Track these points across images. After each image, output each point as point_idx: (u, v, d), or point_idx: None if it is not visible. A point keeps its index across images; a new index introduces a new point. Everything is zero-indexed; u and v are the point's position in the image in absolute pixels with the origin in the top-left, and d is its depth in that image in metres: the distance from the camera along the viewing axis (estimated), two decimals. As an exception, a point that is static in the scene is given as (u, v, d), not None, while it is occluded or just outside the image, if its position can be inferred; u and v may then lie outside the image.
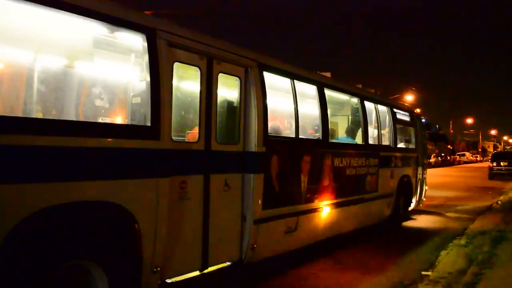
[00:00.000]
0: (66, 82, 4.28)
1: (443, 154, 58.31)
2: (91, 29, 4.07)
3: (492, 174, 29.83)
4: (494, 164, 30.38)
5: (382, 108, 9.75)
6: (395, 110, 10.29)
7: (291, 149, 6.45)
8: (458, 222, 11.62)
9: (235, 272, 5.68)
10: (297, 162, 6.51)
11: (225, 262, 5.40)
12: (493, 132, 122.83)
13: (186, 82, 5.22)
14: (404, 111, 11.08)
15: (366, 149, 8.60)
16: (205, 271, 5.06)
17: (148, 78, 4.26)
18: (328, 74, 9.76)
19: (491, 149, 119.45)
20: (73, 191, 3.59)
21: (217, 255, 5.22)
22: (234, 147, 5.51)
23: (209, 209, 5.06)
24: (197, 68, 4.97)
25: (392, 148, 9.86)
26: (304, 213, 6.61)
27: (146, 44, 4.31)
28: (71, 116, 4.33)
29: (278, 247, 6.24)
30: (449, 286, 5.78)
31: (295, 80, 6.64)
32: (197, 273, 4.99)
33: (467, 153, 76.93)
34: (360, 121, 8.62)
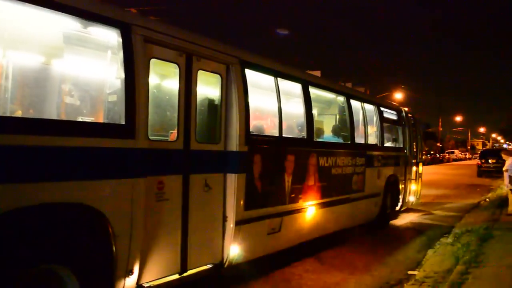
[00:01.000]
0: (36, 79, 4.12)
1: (432, 152, 58.65)
2: (63, 24, 3.90)
3: (481, 172, 30.06)
4: (482, 161, 30.61)
5: (369, 107, 9.66)
6: (382, 108, 10.21)
7: (274, 148, 6.33)
8: (445, 220, 11.65)
9: (216, 274, 5.53)
10: (281, 162, 6.38)
11: (205, 264, 5.25)
12: (482, 129, 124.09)
13: (164, 79, 5.07)
14: (392, 109, 11.01)
15: (352, 148, 8.50)
16: (185, 274, 4.91)
17: (123, 75, 4.11)
18: (318, 73, 9.62)
19: (480, 147, 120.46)
20: (41, 192, 3.43)
21: (197, 258, 5.07)
22: (215, 147, 5.37)
23: (188, 210, 4.91)
24: (176, 65, 4.81)
25: (379, 147, 9.77)
26: (288, 213, 6.49)
27: (121, 39, 4.16)
28: (41, 114, 4.16)
29: (261, 248, 6.11)
30: (435, 285, 5.71)
31: (278, 78, 6.51)
32: (176, 276, 4.84)
33: (456, 151, 77.51)
34: (346, 120, 8.51)
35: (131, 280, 4.20)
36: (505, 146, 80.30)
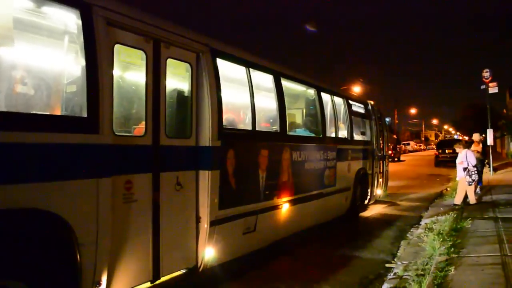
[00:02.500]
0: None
1: (389, 145, 59.95)
2: (15, 3, 3.39)
3: (438, 161, 30.93)
4: (440, 151, 31.53)
5: (338, 100, 9.52)
6: (351, 102, 10.09)
7: (248, 142, 5.99)
8: (412, 210, 11.71)
9: (191, 280, 5.14)
10: (255, 157, 6.05)
11: (179, 269, 4.86)
12: (435, 121, 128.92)
13: (130, 68, 4.62)
14: (360, 103, 10.93)
15: (324, 142, 8.30)
16: (158, 281, 4.51)
17: (84, 62, 3.63)
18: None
19: (432, 138, 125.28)
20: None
21: (170, 263, 4.67)
22: (186, 142, 4.97)
23: (159, 211, 4.50)
24: (142, 52, 4.38)
25: (349, 140, 9.65)
26: (263, 211, 6.17)
27: (80, 22, 3.67)
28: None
29: (236, 249, 5.77)
30: (417, 277, 5.57)
31: (250, 69, 6.16)
32: (148, 284, 4.43)
33: (411, 142, 79.76)
34: (317, 113, 8.30)
35: (99, 292, 3.75)
36: (455, 137, 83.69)
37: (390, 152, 42.40)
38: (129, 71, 4.64)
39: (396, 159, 37.50)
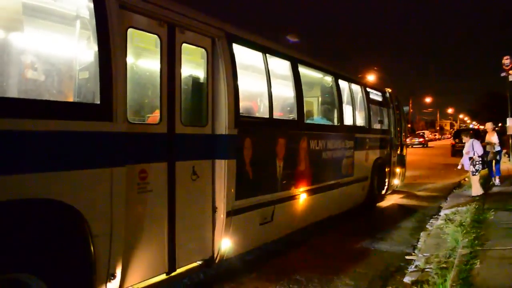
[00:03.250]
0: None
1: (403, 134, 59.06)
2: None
3: (455, 151, 30.34)
4: (456, 141, 30.94)
5: (356, 88, 9.26)
6: (368, 89, 9.83)
7: (265, 131, 5.81)
8: (430, 201, 11.46)
9: (207, 271, 5.03)
10: (272, 146, 5.88)
11: (195, 261, 4.75)
12: (450, 110, 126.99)
13: (144, 53, 4.47)
14: (378, 90, 10.65)
15: (342, 130, 8.09)
16: (173, 273, 4.40)
17: (96, 47, 3.48)
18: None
19: (448, 127, 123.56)
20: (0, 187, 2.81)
21: (186, 255, 4.55)
22: (202, 130, 4.81)
23: (175, 202, 4.37)
24: (157, 37, 4.21)
25: (367, 129, 9.41)
26: (280, 201, 6.01)
27: (92, 4, 3.51)
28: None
29: (253, 240, 5.63)
30: (440, 270, 5.38)
31: (267, 55, 5.96)
32: (164, 276, 4.32)
33: (426, 132, 78.68)
34: (334, 101, 8.07)
35: (114, 285, 3.64)
36: (471, 126, 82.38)
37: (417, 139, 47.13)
38: (143, 56, 4.49)
39: (424, 145, 47.65)
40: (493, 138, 12.62)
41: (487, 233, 6.68)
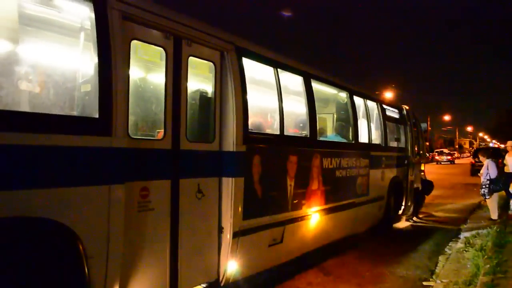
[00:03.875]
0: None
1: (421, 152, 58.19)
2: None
3: (474, 170, 29.57)
4: (476, 160, 30.16)
5: (372, 104, 9.00)
6: (384, 106, 9.55)
7: (275, 148, 5.59)
8: (449, 222, 11.05)
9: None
10: (282, 164, 5.65)
11: (199, 284, 4.53)
12: (470, 128, 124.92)
13: (149, 66, 4.33)
14: (394, 107, 10.37)
15: (356, 148, 7.82)
16: (175, 297, 4.16)
17: (97, 58, 3.35)
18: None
19: (467, 146, 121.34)
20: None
21: (189, 277, 4.33)
22: (208, 146, 4.63)
23: (178, 221, 4.18)
24: (162, 50, 4.07)
25: (383, 147, 9.11)
26: (291, 222, 5.75)
27: (93, 15, 3.39)
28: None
29: (261, 262, 5.37)
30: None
31: (278, 69, 5.78)
32: (164, 300, 4.09)
33: (445, 150, 77.36)
34: (349, 117, 7.83)
35: (109, 310, 3.43)
36: (491, 145, 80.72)
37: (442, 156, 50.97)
38: (147, 70, 4.36)
39: (450, 162, 51.78)
40: (509, 159, 11.84)
41: (510, 259, 6.30)
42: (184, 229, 4.21)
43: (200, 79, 4.75)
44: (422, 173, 12.05)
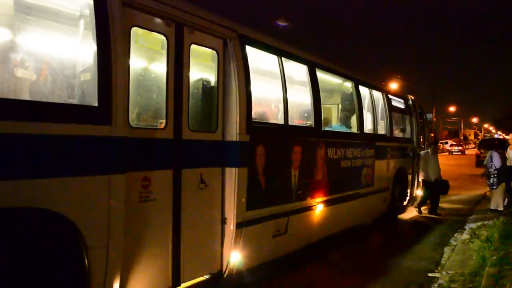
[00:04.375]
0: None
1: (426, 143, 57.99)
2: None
3: (480, 161, 29.37)
4: (482, 151, 29.97)
5: (377, 94, 8.87)
6: (390, 96, 9.42)
7: (279, 138, 5.51)
8: (454, 214, 10.97)
9: (215, 286, 4.74)
10: (287, 154, 5.57)
11: (202, 275, 4.47)
12: (475, 120, 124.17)
13: (150, 54, 4.24)
14: (399, 97, 10.23)
15: (361, 138, 7.72)
16: (178, 288, 4.11)
17: (96, 44, 3.26)
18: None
19: (472, 137, 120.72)
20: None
21: (192, 268, 4.28)
22: (211, 136, 4.55)
23: (180, 212, 4.11)
24: (163, 37, 3.98)
25: (388, 137, 9.00)
26: (295, 212, 5.68)
27: (92, 1, 3.30)
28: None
29: (265, 253, 5.31)
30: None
31: (283, 58, 5.67)
32: (167, 291, 4.04)
33: (450, 141, 76.94)
34: (355, 107, 7.72)
35: (111, 302, 3.38)
36: (496, 136, 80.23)
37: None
38: (148, 57, 4.26)
39: (461, 152, 53.93)
40: (510, 152, 11.36)
41: (517, 251, 6.21)
42: (186, 220, 4.15)
43: (202, 67, 4.66)
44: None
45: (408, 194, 10.48)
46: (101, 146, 3.26)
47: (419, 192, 11.29)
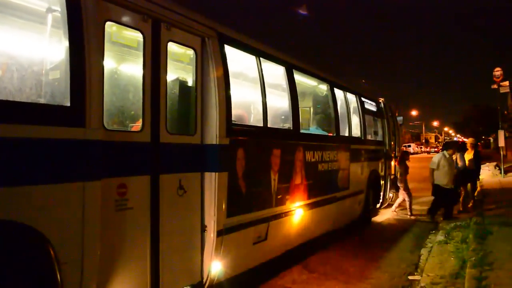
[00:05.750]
0: None
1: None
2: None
3: None
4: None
5: (351, 97, 8.86)
6: (363, 98, 9.43)
7: (259, 141, 5.32)
8: (426, 214, 11.04)
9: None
10: (266, 157, 5.39)
11: (182, 286, 4.21)
12: (436, 123, 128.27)
13: (125, 51, 3.99)
14: (372, 100, 10.27)
15: (338, 141, 7.66)
16: (156, 301, 3.84)
17: (67, 39, 2.98)
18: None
19: (432, 140, 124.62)
20: None
21: (171, 279, 4.02)
22: (189, 139, 4.32)
23: (159, 221, 3.86)
24: (139, 33, 3.73)
25: (362, 140, 9.00)
26: (275, 218, 5.51)
27: (63, -8, 3.02)
28: None
29: (246, 261, 5.11)
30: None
31: (261, 59, 5.50)
32: (145, 305, 3.76)
33: (412, 145, 79.07)
34: (330, 110, 7.65)
35: (85, 320, 3.08)
36: (455, 139, 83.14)
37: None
38: (124, 55, 4.02)
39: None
40: (466, 157, 11.19)
41: (495, 251, 6.25)
42: (165, 229, 3.90)
43: (180, 66, 4.44)
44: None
45: (381, 197, 10.52)
46: (74, 150, 2.97)
47: (391, 195, 11.37)
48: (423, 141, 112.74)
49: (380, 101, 10.88)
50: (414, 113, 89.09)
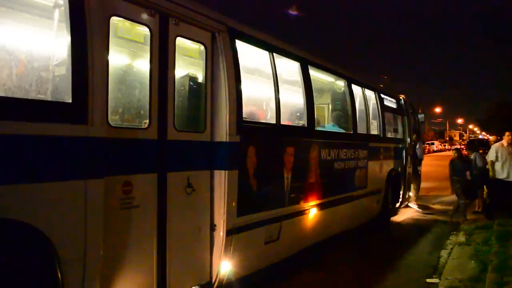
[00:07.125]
0: None
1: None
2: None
3: None
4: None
5: (370, 93, 8.63)
6: (382, 95, 9.19)
7: (271, 138, 5.20)
8: (447, 215, 10.76)
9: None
10: (279, 155, 5.27)
11: (190, 287, 4.13)
12: (460, 121, 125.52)
13: (132, 46, 3.91)
14: (392, 97, 10.02)
15: (355, 139, 7.47)
16: (163, 302, 3.78)
17: (70, 34, 2.92)
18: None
19: (457, 138, 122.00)
20: None
21: (179, 280, 3.95)
22: (198, 136, 4.23)
23: (166, 219, 3.78)
24: (146, 28, 3.65)
25: (381, 138, 8.77)
26: (288, 217, 5.38)
27: (67, -14, 2.96)
28: None
29: (257, 262, 5.00)
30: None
31: (274, 54, 5.37)
32: (151, 305, 3.70)
33: (436, 142, 77.59)
34: (347, 107, 7.46)
35: (88, 321, 3.03)
36: (480, 137, 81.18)
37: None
38: (130, 50, 3.93)
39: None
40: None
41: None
42: (172, 228, 3.83)
43: (189, 62, 4.34)
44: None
45: (401, 196, 10.27)
46: (76, 147, 2.91)
47: (411, 194, 11.11)
48: (447, 138, 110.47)
49: (400, 98, 10.61)
50: (437, 110, 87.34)
